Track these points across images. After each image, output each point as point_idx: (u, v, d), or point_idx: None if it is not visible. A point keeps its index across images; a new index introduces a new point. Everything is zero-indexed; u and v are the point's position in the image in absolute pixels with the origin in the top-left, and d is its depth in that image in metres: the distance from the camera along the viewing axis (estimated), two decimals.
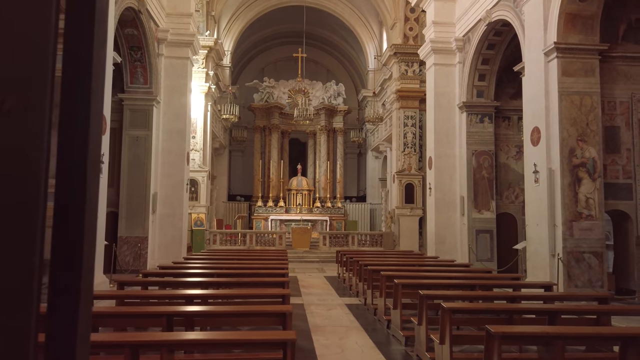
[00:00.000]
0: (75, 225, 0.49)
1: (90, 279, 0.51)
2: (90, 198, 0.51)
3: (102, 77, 0.53)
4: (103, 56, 0.54)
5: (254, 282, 6.58)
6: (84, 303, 0.50)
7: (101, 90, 0.53)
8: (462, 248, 13.74)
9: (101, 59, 0.53)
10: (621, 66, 9.68)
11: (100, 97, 0.53)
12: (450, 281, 7.17)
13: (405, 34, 18.69)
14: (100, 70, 0.53)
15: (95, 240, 0.52)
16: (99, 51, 0.53)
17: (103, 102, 0.54)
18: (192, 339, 3.40)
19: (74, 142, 0.50)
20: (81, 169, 0.50)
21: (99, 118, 0.53)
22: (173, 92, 13.65)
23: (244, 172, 26.46)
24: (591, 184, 8.93)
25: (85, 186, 0.50)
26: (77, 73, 0.51)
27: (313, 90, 24.94)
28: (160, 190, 13.19)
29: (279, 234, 18.87)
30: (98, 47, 0.52)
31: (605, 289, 8.71)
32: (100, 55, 0.53)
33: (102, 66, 0.53)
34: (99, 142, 0.53)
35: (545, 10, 9.41)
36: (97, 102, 0.52)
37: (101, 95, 0.53)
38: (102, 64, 0.53)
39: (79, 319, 0.49)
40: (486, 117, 13.72)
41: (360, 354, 5.59)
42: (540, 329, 4.27)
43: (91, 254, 0.51)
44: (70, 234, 0.49)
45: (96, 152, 0.52)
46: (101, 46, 0.53)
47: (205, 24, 18.42)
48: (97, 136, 0.52)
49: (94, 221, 0.51)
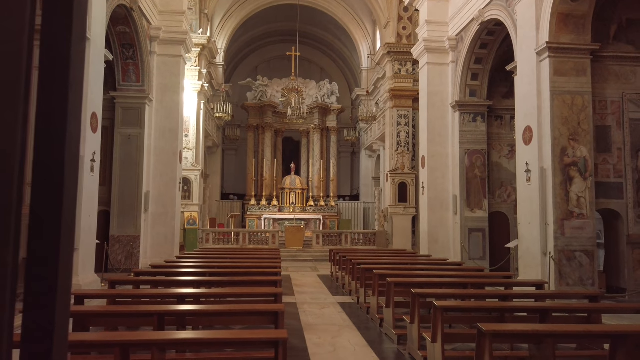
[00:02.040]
0: (51, 225, 0.48)
1: (68, 281, 0.50)
2: (68, 197, 0.49)
3: (80, 70, 0.52)
4: (82, 50, 0.52)
5: (247, 281, 6.56)
6: (61, 306, 0.49)
7: (80, 84, 0.52)
8: (454, 247, 13.79)
9: (80, 53, 0.52)
10: (612, 66, 9.75)
11: (79, 91, 0.51)
12: (442, 280, 7.19)
13: (398, 33, 18.71)
14: (79, 64, 0.52)
15: (73, 244, 0.51)
16: (78, 45, 0.51)
17: (82, 97, 0.52)
18: (183, 338, 3.38)
19: (51, 138, 0.48)
20: (59, 165, 0.48)
21: (77, 113, 0.51)
22: (166, 90, 13.58)
23: (237, 170, 26.40)
24: (582, 183, 8.98)
25: (63, 184, 0.48)
26: (54, 67, 0.49)
27: (306, 89, 24.90)
28: (152, 189, 13.12)
29: (272, 232, 18.84)
30: (77, 41, 0.51)
31: (596, 287, 8.78)
32: (79, 49, 0.51)
33: (81, 60, 0.52)
34: (77, 138, 0.51)
35: (538, 10, 9.45)
36: (76, 97, 0.51)
37: (80, 89, 0.52)
38: (81, 57, 0.52)
39: (55, 323, 0.48)
40: (479, 117, 13.77)
41: (352, 353, 5.59)
42: (531, 327, 4.29)
43: (69, 257, 0.50)
44: (46, 236, 0.48)
45: (74, 148, 0.51)
46: (80, 40, 0.52)
47: (198, 22, 18.33)
48: (76, 132, 0.51)
49: (72, 222, 0.50)
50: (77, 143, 0.51)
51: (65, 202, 0.49)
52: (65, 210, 0.49)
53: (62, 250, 0.48)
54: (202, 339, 3.28)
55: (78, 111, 0.52)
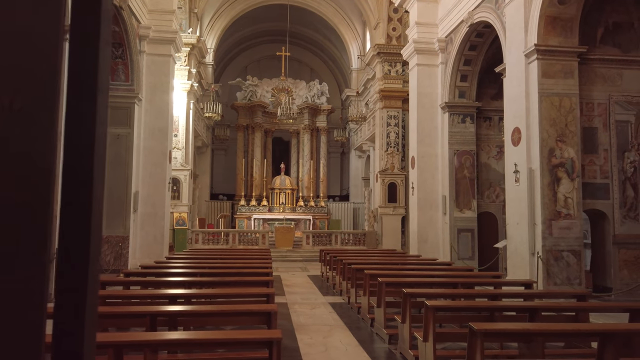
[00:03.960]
0: (82, 223, 0.49)
1: (97, 279, 0.51)
2: (96, 197, 0.50)
3: (107, 75, 0.53)
4: (108, 54, 0.54)
5: (238, 282, 6.55)
6: (91, 301, 0.50)
7: (106, 88, 0.53)
8: (443, 247, 13.89)
9: (106, 58, 0.53)
10: (599, 68, 9.90)
11: (105, 94, 0.53)
12: (433, 279, 7.25)
13: (388, 34, 18.79)
14: (106, 68, 0.53)
15: (101, 238, 0.52)
16: (104, 50, 0.53)
17: (108, 100, 0.54)
18: (178, 339, 3.37)
19: (80, 141, 0.50)
20: (88, 167, 0.49)
21: (104, 116, 0.53)
22: (155, 89, 13.49)
23: (227, 170, 26.29)
24: (570, 183, 9.11)
25: (92, 184, 0.49)
26: (83, 71, 0.51)
27: (296, 89, 24.90)
28: (141, 189, 13.03)
29: (262, 233, 18.81)
30: (104, 46, 0.52)
31: (583, 286, 8.91)
32: (105, 53, 0.53)
33: (107, 64, 0.53)
34: (104, 140, 0.53)
35: (526, 13, 9.56)
36: (103, 100, 0.52)
37: (106, 93, 0.53)
38: (107, 62, 0.53)
39: (85, 318, 0.49)
40: (468, 118, 13.89)
41: (344, 353, 5.61)
42: (522, 326, 4.35)
43: (97, 252, 0.51)
44: (77, 233, 0.49)
45: (101, 150, 0.52)
46: (106, 45, 0.53)
47: (187, 21, 18.25)
48: (103, 134, 0.52)
49: (99, 219, 0.51)
50: (104, 145, 0.52)
51: (94, 204, 0.50)
52: (95, 212, 0.50)
53: (91, 249, 0.49)
54: (197, 340, 3.28)
55: (105, 113, 0.53)
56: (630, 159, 9.81)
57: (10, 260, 0.41)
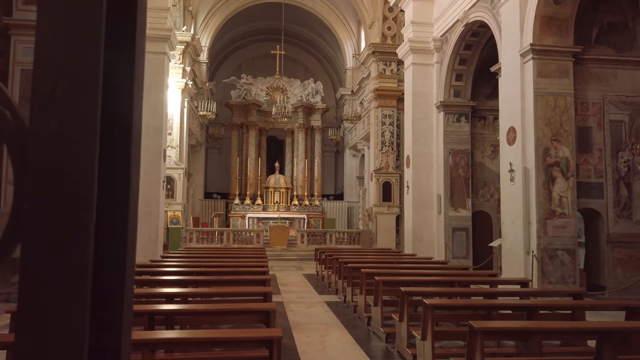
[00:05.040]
0: (120, 219, 0.47)
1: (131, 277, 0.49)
2: (133, 191, 0.49)
3: (142, 65, 0.52)
4: (142, 44, 0.52)
5: (235, 281, 6.53)
6: (127, 299, 0.48)
7: (142, 81, 0.52)
8: (438, 245, 13.93)
9: (141, 47, 0.52)
10: (593, 68, 9.96)
11: (141, 88, 0.51)
12: (429, 278, 7.26)
13: (383, 34, 18.80)
14: (141, 57, 0.51)
15: (136, 236, 0.51)
16: (140, 39, 0.51)
17: (143, 94, 0.52)
18: (177, 338, 3.35)
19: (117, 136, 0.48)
20: (125, 161, 0.48)
21: (139, 110, 0.51)
22: (149, 87, 13.39)
23: (221, 169, 26.20)
24: (564, 183, 9.16)
25: (130, 182, 0.48)
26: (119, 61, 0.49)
27: (291, 87, 24.84)
28: None
29: (256, 232, 18.76)
30: (139, 35, 0.51)
31: (577, 285, 8.96)
32: (140, 42, 0.51)
33: (142, 54, 0.52)
34: (139, 135, 0.51)
35: (522, 12, 9.60)
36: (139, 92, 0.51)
37: (141, 87, 0.52)
38: (142, 51, 0.52)
39: (123, 319, 0.48)
40: (463, 117, 13.93)
41: (341, 351, 5.61)
42: (520, 324, 4.36)
43: (133, 251, 0.50)
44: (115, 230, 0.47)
45: (137, 144, 0.50)
46: (141, 34, 0.52)
47: (182, 19, 18.14)
48: (138, 129, 0.51)
49: (135, 216, 0.50)
50: (138, 142, 0.51)
51: (131, 199, 0.48)
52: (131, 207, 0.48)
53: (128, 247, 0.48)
54: (197, 338, 3.26)
55: (140, 107, 0.51)
56: (624, 158, 9.89)
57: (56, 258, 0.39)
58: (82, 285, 0.42)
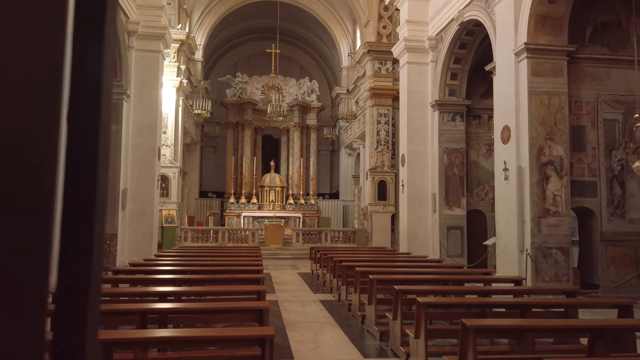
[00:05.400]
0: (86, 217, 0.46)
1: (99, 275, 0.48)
2: (101, 186, 0.48)
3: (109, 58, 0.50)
4: (114, 32, 0.51)
5: (229, 279, 6.51)
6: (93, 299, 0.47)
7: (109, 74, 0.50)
8: (433, 244, 13.95)
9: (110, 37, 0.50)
10: (587, 67, 9.99)
11: (109, 77, 0.50)
12: (423, 276, 7.27)
13: (379, 32, 18.79)
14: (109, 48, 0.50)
15: (104, 234, 0.49)
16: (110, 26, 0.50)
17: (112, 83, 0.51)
18: (169, 337, 3.33)
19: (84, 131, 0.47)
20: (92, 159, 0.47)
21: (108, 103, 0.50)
22: (144, 86, 13.34)
23: (216, 168, 26.13)
24: (558, 181, 9.18)
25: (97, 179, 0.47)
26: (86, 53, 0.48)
27: (286, 86, 24.80)
28: (130, 186, 12.89)
29: (251, 230, 18.74)
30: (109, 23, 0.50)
31: (571, 283, 9.00)
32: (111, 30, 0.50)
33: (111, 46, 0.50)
34: (108, 129, 0.50)
35: (516, 11, 9.61)
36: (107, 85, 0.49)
37: (110, 75, 0.50)
38: (112, 42, 0.50)
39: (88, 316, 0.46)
40: (458, 116, 13.94)
41: (335, 349, 5.60)
42: (513, 322, 4.37)
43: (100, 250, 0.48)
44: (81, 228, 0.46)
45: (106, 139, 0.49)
46: (112, 22, 0.50)
47: (177, 17, 18.08)
48: (107, 123, 0.49)
49: (103, 214, 0.49)
50: (108, 133, 0.49)
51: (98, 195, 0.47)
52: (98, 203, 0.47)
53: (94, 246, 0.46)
54: (190, 337, 3.25)
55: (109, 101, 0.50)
56: (618, 157, 9.93)
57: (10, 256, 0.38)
58: (41, 273, 0.40)
